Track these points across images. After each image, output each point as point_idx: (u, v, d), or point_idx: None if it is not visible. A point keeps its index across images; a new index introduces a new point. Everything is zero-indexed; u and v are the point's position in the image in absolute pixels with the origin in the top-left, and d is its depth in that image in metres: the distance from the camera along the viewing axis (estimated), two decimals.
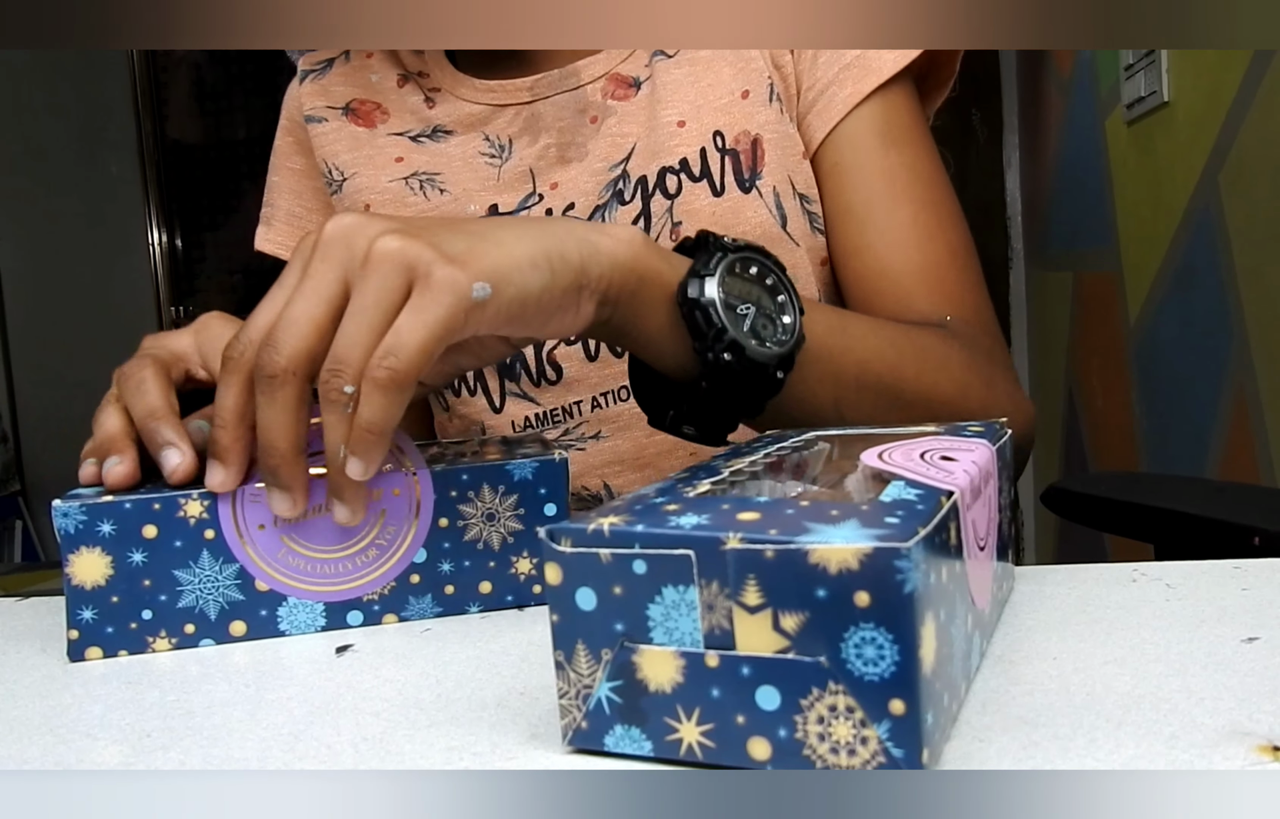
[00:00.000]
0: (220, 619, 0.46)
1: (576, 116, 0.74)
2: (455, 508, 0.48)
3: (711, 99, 0.72)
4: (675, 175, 0.71)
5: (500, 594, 0.49)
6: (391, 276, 0.41)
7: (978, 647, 0.36)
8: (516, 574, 0.49)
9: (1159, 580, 0.44)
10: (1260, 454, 1.15)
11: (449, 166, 0.75)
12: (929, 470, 0.35)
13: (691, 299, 0.49)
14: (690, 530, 0.29)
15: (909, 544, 0.26)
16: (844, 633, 0.27)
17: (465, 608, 0.48)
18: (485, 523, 0.48)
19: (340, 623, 0.47)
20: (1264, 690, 0.32)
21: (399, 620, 0.48)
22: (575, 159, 0.73)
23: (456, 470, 0.48)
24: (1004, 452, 0.43)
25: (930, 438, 0.42)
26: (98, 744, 0.36)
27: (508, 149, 0.75)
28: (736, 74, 0.72)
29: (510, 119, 0.76)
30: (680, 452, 0.71)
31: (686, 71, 0.73)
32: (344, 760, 0.33)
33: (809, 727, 0.28)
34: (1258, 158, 1.11)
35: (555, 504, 0.49)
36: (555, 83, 0.75)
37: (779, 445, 0.44)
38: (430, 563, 0.48)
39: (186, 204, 3.11)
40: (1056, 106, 1.94)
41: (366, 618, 0.48)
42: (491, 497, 0.48)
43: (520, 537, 0.49)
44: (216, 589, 0.46)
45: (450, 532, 0.48)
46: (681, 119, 0.71)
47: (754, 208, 0.70)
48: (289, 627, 0.47)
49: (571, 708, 0.32)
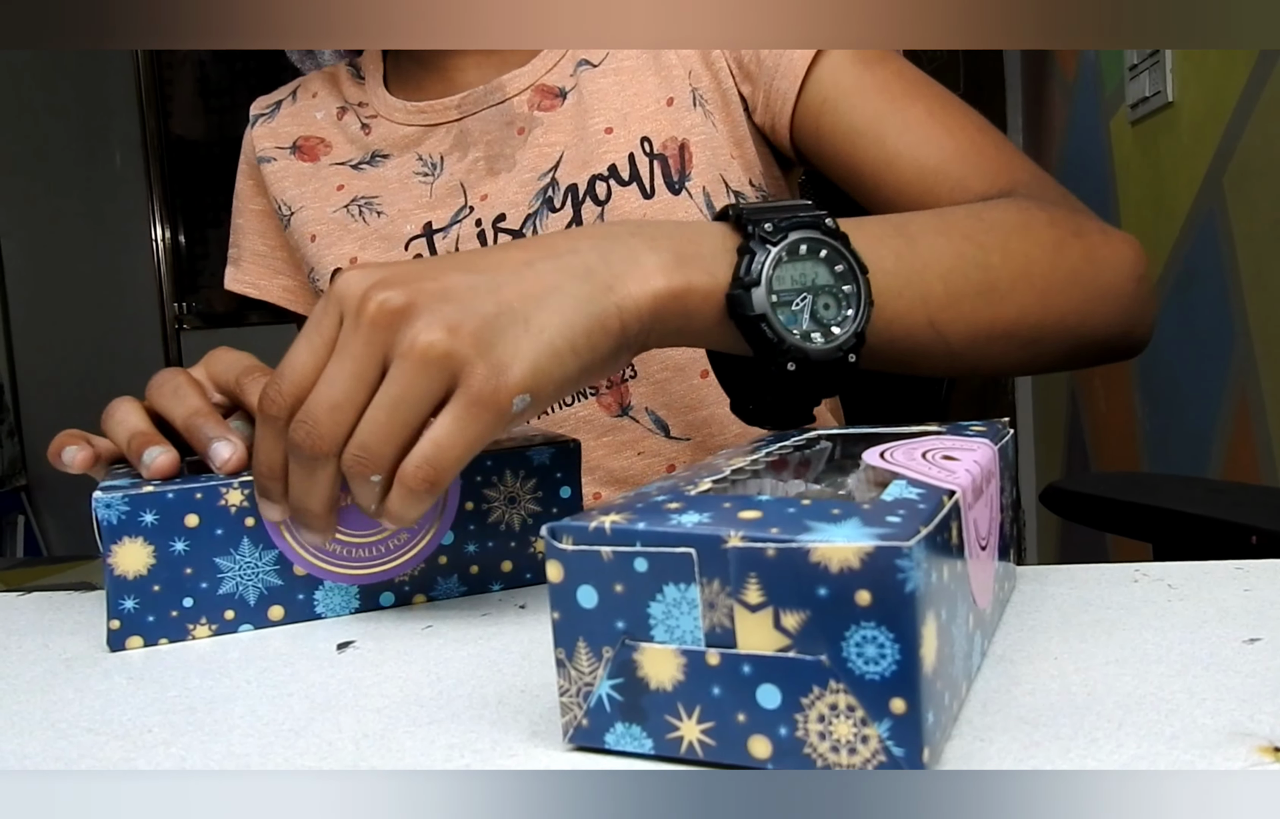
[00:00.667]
0: (259, 604, 0.47)
1: (504, 129, 0.76)
2: (480, 492, 0.50)
3: (638, 107, 0.73)
4: (604, 181, 0.72)
5: (520, 572, 0.51)
6: (434, 380, 0.40)
7: (979, 646, 0.36)
8: (535, 553, 0.51)
9: (1160, 581, 0.44)
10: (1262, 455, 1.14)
11: (386, 189, 0.78)
12: (931, 470, 0.35)
13: (742, 316, 0.47)
14: (691, 529, 0.29)
15: (910, 543, 0.26)
16: (845, 632, 0.27)
17: (489, 586, 0.51)
18: (507, 506, 0.50)
19: (374, 604, 0.49)
20: (1265, 691, 0.32)
21: (427, 600, 0.50)
22: (504, 170, 0.76)
23: (481, 457, 0.49)
24: (1006, 451, 0.43)
25: (932, 438, 0.42)
26: (99, 740, 0.36)
27: (439, 166, 0.78)
28: (660, 83, 0.74)
29: (441, 137, 0.78)
30: (627, 451, 0.72)
31: (612, 80, 0.75)
32: (345, 758, 0.33)
33: (810, 725, 0.28)
34: (1262, 159, 1.11)
35: (570, 486, 0.51)
36: (481, 98, 0.78)
37: (780, 444, 0.44)
38: (457, 545, 0.50)
39: (190, 201, 3.11)
40: (1060, 107, 1.94)
41: (398, 598, 0.49)
42: (513, 481, 0.50)
43: (539, 518, 0.51)
44: (256, 575, 0.47)
45: (475, 515, 0.50)
46: (609, 126, 0.73)
47: (684, 209, 0.71)
48: (325, 609, 0.48)
49: (572, 705, 0.32)
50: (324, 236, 0.79)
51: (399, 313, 0.41)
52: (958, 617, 0.32)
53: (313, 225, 0.79)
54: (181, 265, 3.11)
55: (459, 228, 0.75)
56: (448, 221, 0.76)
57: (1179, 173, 1.34)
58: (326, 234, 0.79)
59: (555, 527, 0.31)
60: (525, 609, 0.48)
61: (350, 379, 0.41)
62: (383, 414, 0.41)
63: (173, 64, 3.08)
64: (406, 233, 0.76)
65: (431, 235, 0.76)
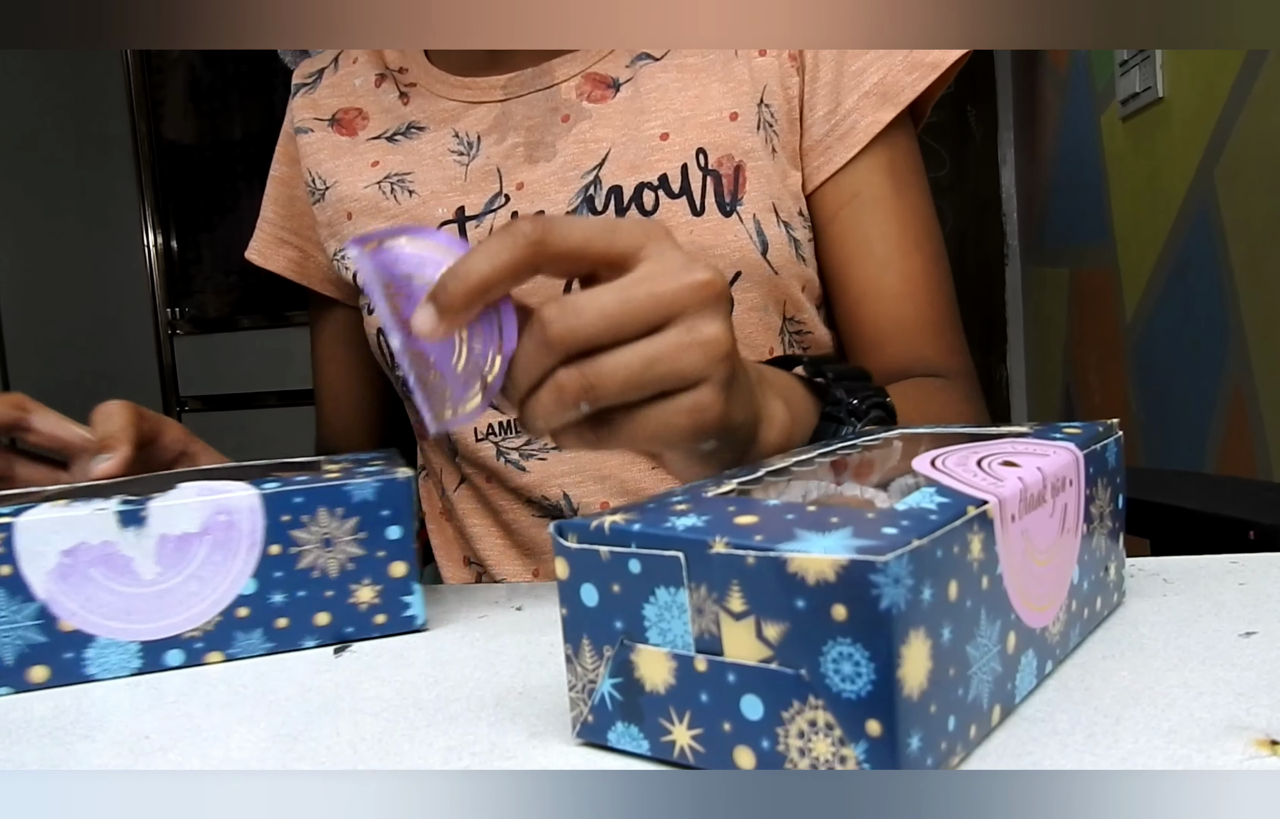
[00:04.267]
0: (19, 664, 0.42)
1: (547, 115, 0.73)
2: (287, 533, 0.44)
3: (699, 112, 0.70)
4: (653, 191, 0.69)
5: (339, 626, 0.45)
6: (694, 367, 0.41)
7: (1031, 667, 0.33)
8: (357, 604, 0.45)
9: (1156, 575, 0.44)
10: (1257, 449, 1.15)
11: (420, 165, 0.75)
12: (974, 477, 0.33)
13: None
14: (682, 532, 0.29)
15: (886, 558, 0.25)
16: (822, 646, 0.26)
17: (300, 643, 0.45)
18: (321, 549, 0.44)
19: (158, 664, 0.44)
20: (1261, 685, 0.32)
21: (225, 659, 0.44)
22: (543, 159, 0.72)
23: (288, 493, 0.44)
24: (1103, 455, 0.40)
25: (1009, 441, 0.39)
26: (96, 746, 0.36)
27: (475, 147, 0.74)
28: (726, 92, 0.71)
29: (481, 116, 0.75)
30: (641, 464, 0.71)
31: (674, 77, 0.71)
32: (343, 761, 0.33)
33: (790, 739, 0.27)
34: (1253, 153, 1.11)
35: (400, 527, 0.45)
36: (528, 81, 0.74)
37: (852, 444, 0.42)
38: (260, 595, 0.44)
39: (182, 205, 3.10)
40: (1052, 103, 1.94)
41: (189, 657, 0.44)
42: (329, 519, 0.44)
43: (362, 563, 0.45)
44: (13, 631, 0.42)
45: (282, 559, 0.44)
46: (665, 131, 0.70)
47: (734, 232, 0.69)
48: (99, 670, 0.43)
49: (579, 701, 0.32)
50: (359, 214, 0.76)
51: (718, 297, 0.41)
52: (979, 635, 0.30)
53: (349, 202, 0.77)
54: (174, 270, 3.10)
55: (493, 217, 0.72)
56: (481, 209, 0.73)
57: (1171, 168, 1.34)
58: (362, 211, 0.76)
59: (562, 524, 0.31)
60: (522, 612, 0.48)
61: (633, 304, 0.40)
62: (638, 362, 0.40)
63: (163, 68, 3.07)
64: (439, 216, 0.74)
65: (464, 221, 0.73)
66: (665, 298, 0.40)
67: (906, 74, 0.70)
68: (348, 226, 0.77)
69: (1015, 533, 0.32)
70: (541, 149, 0.73)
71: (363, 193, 0.76)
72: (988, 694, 0.30)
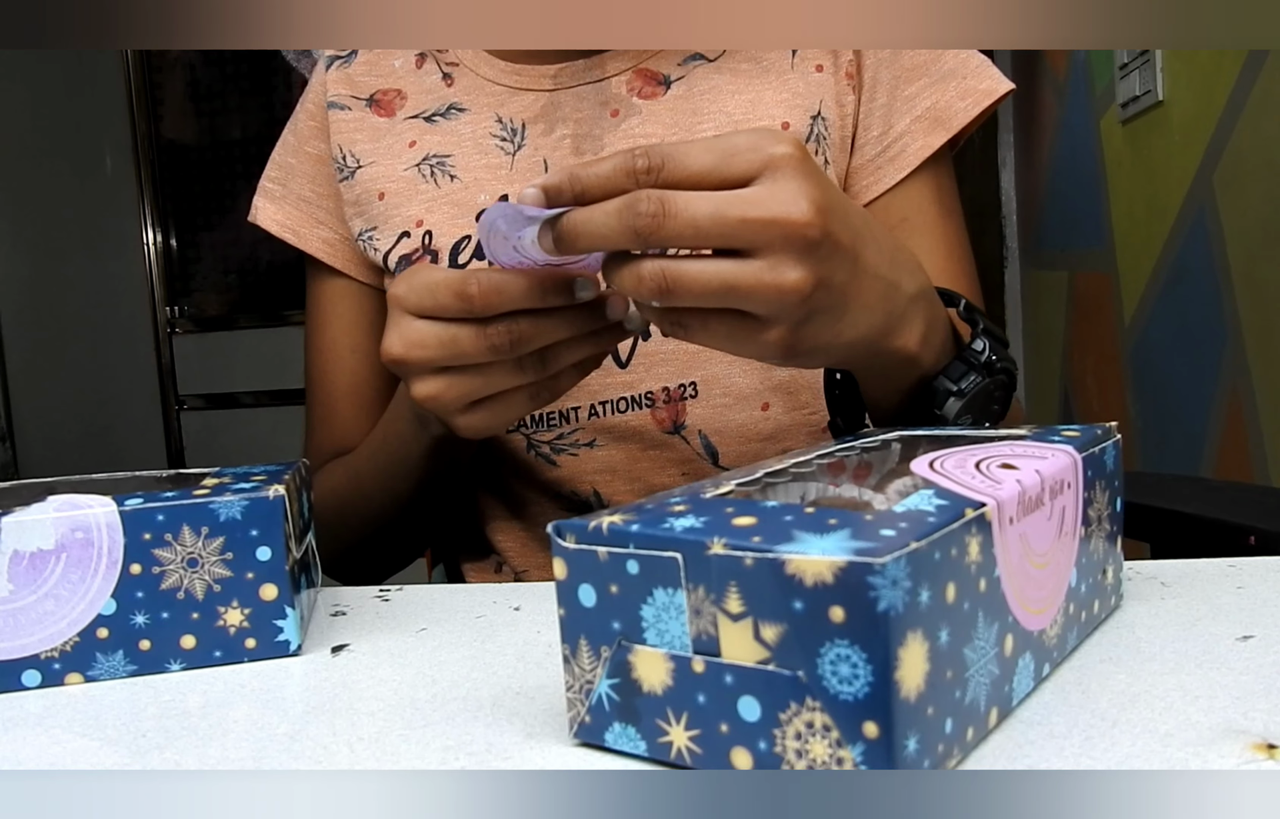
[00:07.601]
0: None
1: (597, 109, 0.72)
2: (149, 552, 0.42)
3: (751, 117, 0.69)
4: None
5: (207, 650, 0.43)
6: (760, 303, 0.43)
7: (1028, 670, 0.33)
8: (225, 627, 0.43)
9: (1154, 579, 0.44)
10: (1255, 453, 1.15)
11: (460, 147, 0.74)
12: (972, 480, 0.33)
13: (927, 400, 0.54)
14: (680, 533, 0.29)
15: (884, 559, 0.25)
16: (820, 648, 0.26)
17: (165, 666, 0.43)
18: (186, 569, 0.43)
19: (15, 684, 0.42)
20: (1259, 688, 0.32)
21: (85, 681, 0.42)
22: (591, 153, 0.71)
23: (150, 510, 0.42)
24: (1101, 458, 0.40)
25: (1006, 443, 0.39)
26: (93, 745, 0.36)
27: (520, 135, 0.73)
28: (780, 101, 0.70)
29: (528, 103, 0.73)
30: (672, 469, 0.70)
31: (728, 79, 0.70)
32: (340, 761, 0.33)
33: (788, 741, 0.27)
34: (1252, 157, 1.11)
35: (270, 547, 0.43)
36: (579, 73, 0.73)
37: (851, 445, 0.42)
38: (121, 615, 0.42)
39: (181, 204, 3.10)
40: (1051, 106, 1.94)
41: (46, 678, 0.42)
42: (193, 539, 0.43)
43: (229, 585, 0.43)
44: None
45: (144, 579, 0.42)
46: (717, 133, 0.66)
47: None
48: None
49: (576, 701, 0.32)
50: (393, 195, 0.74)
51: (810, 244, 0.42)
52: (976, 638, 0.30)
53: (382, 182, 0.74)
54: (173, 268, 3.10)
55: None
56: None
57: (1169, 171, 1.34)
58: (396, 193, 0.74)
59: (560, 525, 0.31)
60: (520, 612, 0.48)
61: (722, 224, 0.41)
62: (716, 282, 0.41)
63: (162, 67, 3.07)
64: (480, 203, 0.72)
65: None
66: (756, 226, 0.41)
67: (959, 100, 0.70)
68: (377, 206, 0.75)
69: (1013, 535, 0.32)
70: (589, 142, 0.72)
71: (400, 175, 0.74)
72: (985, 696, 0.30)
